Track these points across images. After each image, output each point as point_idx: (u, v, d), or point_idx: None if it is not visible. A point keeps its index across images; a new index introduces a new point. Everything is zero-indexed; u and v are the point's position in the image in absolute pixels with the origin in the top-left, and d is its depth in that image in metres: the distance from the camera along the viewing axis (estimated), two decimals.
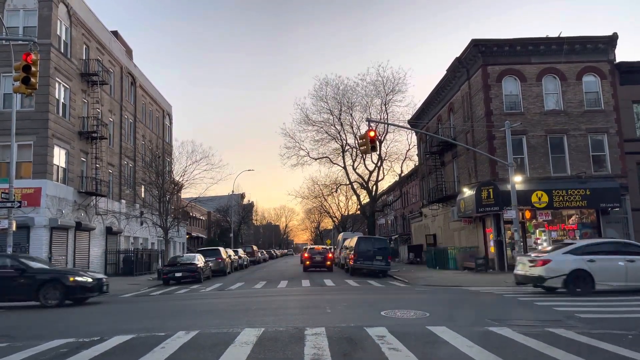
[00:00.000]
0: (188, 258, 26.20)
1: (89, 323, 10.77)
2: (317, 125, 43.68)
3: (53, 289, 14.05)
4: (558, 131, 26.40)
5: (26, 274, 14.18)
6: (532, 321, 9.51)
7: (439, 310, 11.04)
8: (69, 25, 27.55)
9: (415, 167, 45.57)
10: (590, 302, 12.30)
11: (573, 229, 25.95)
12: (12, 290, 14.09)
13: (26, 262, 14.76)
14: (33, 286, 13.95)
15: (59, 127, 25.90)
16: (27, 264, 14.61)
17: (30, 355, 7.09)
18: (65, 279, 14.25)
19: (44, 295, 13.96)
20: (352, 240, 30.20)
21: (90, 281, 14.60)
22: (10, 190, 18.27)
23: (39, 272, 14.47)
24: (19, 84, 15.55)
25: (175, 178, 35.84)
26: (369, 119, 27.96)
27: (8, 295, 14.23)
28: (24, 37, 21.40)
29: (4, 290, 14.03)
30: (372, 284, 21.09)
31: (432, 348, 7.04)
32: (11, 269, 14.25)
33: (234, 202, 63.55)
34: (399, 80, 41.70)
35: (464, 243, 30.59)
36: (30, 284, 13.97)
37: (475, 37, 27.59)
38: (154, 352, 7.00)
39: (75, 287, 14.26)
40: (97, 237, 30.23)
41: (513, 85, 26.97)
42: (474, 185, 26.70)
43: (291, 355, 6.61)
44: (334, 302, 12.81)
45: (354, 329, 8.37)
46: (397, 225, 60.43)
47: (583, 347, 6.96)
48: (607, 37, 26.91)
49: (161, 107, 46.08)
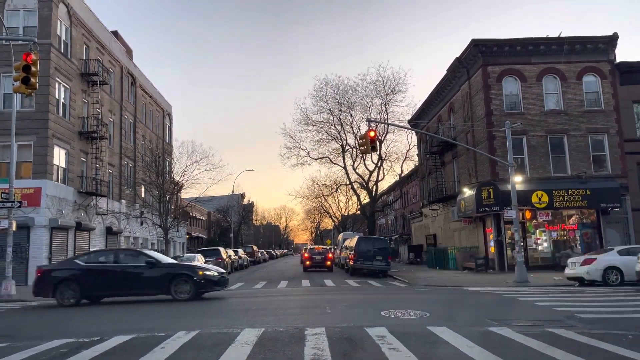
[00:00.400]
0: (188, 258, 26.17)
1: (89, 323, 10.77)
2: (317, 125, 43.71)
3: (184, 283, 14.14)
4: (558, 131, 26.40)
5: (156, 268, 14.34)
6: (532, 321, 9.51)
7: (439, 311, 11.04)
8: (69, 25, 27.55)
9: (415, 167, 45.57)
10: (590, 302, 12.30)
11: (573, 229, 25.96)
12: (144, 284, 14.25)
13: (155, 257, 14.98)
14: (164, 280, 14.08)
15: (59, 127, 25.90)
16: (157, 259, 14.84)
17: (30, 355, 7.09)
18: (195, 273, 14.37)
19: (175, 289, 14.05)
20: (352, 240, 30.20)
21: (216, 275, 14.73)
22: (10, 190, 18.27)
23: (168, 267, 14.72)
24: (19, 84, 15.56)
25: (175, 178, 35.85)
26: (369, 119, 27.95)
27: (141, 289, 14.41)
28: (24, 37, 21.39)
29: (137, 284, 14.22)
30: (372, 284, 21.09)
31: (432, 348, 7.04)
32: (144, 263, 14.45)
33: (234, 202, 63.56)
34: (399, 80, 41.74)
35: (464, 243, 30.58)
36: (162, 278, 14.13)
37: (475, 37, 27.60)
38: (154, 352, 7.00)
39: (205, 281, 14.35)
40: (97, 237, 30.22)
41: (513, 85, 26.97)
42: (474, 185, 26.70)
43: (291, 355, 6.61)
44: (334, 302, 12.81)
45: (354, 329, 8.36)
46: (397, 225, 60.43)
47: (583, 347, 6.96)
48: (607, 37, 26.91)
49: (161, 107, 46.08)
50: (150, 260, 14.52)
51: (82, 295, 14.13)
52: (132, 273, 14.29)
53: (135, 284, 14.25)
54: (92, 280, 14.17)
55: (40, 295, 14.52)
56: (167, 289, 14.07)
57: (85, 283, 14.07)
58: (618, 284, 16.71)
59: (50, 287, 14.04)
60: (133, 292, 14.52)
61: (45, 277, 14.31)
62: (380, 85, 41.45)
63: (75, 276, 14.14)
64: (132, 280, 14.22)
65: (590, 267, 17.06)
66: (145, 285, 14.28)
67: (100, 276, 14.30)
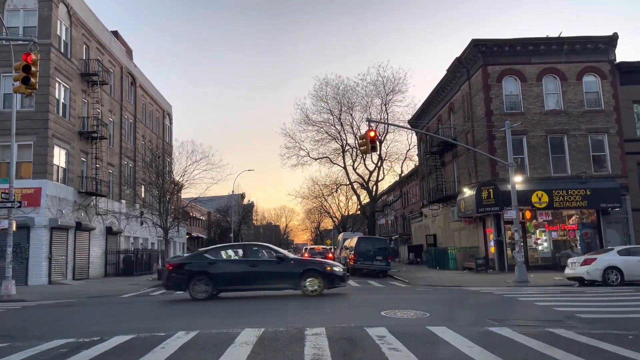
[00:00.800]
0: None
1: (89, 323, 10.77)
2: (317, 125, 43.70)
3: (314, 278, 14.16)
4: (558, 131, 26.40)
5: (285, 262, 14.44)
6: (533, 321, 9.51)
7: (439, 311, 11.04)
8: (69, 25, 27.56)
9: (416, 167, 45.57)
10: (590, 302, 12.30)
11: (573, 229, 25.96)
12: (275, 279, 14.29)
13: (282, 252, 15.10)
14: (295, 275, 14.15)
15: (59, 127, 25.90)
16: (284, 254, 14.95)
17: (30, 356, 7.08)
18: (324, 269, 14.40)
19: (305, 283, 14.10)
20: (352, 240, 30.20)
21: (341, 271, 14.74)
22: (10, 190, 18.27)
23: (297, 261, 14.88)
24: (19, 84, 15.56)
25: (175, 178, 35.82)
26: (369, 119, 27.97)
27: (272, 284, 14.43)
28: (24, 37, 21.40)
29: (268, 278, 14.27)
30: (372, 284, 21.09)
31: (432, 348, 7.04)
32: (274, 258, 14.55)
33: (234, 202, 63.53)
34: (399, 80, 41.73)
35: (464, 243, 30.59)
36: (292, 273, 14.19)
37: (475, 37, 27.60)
38: (154, 352, 6.99)
39: (332, 276, 14.35)
40: (97, 237, 30.23)
41: (513, 85, 26.97)
42: (474, 185, 26.70)
43: (291, 355, 6.61)
44: (334, 302, 12.81)
45: (354, 329, 8.36)
46: (397, 226, 60.43)
47: (583, 347, 6.95)
48: (607, 37, 26.91)
49: (161, 107, 46.08)
50: (279, 255, 14.72)
51: (214, 289, 14.19)
52: (264, 268, 14.33)
53: (267, 279, 14.28)
54: (223, 275, 14.24)
55: (172, 289, 14.92)
56: (297, 284, 14.12)
57: (217, 277, 14.14)
58: (618, 284, 16.72)
59: (184, 281, 14.18)
60: (264, 286, 14.55)
61: (177, 271, 14.46)
62: (380, 85, 41.48)
63: (207, 270, 14.23)
64: (263, 275, 14.24)
65: (590, 267, 17.07)
66: (275, 280, 14.30)
67: (232, 270, 14.42)
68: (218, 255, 14.93)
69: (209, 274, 14.15)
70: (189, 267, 14.47)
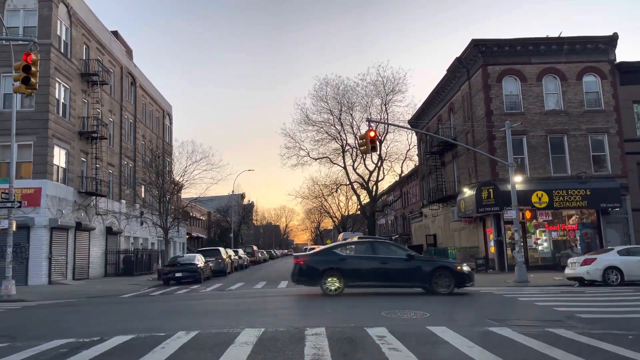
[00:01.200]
0: (188, 258, 26.18)
1: (89, 323, 10.77)
2: (317, 125, 43.75)
3: (444, 277, 14.14)
4: (558, 131, 26.39)
5: (415, 261, 14.49)
6: (533, 321, 9.51)
7: (439, 310, 11.04)
8: (69, 25, 27.56)
9: (416, 167, 45.57)
10: (590, 302, 12.30)
11: (573, 229, 25.96)
12: (405, 276, 14.32)
13: (410, 250, 15.17)
14: (426, 273, 14.15)
15: (59, 127, 25.91)
16: (412, 252, 15.01)
17: (31, 356, 7.08)
18: (455, 268, 14.42)
19: (436, 282, 14.07)
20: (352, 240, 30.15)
21: (469, 270, 14.75)
22: (10, 190, 18.27)
23: (427, 260, 14.98)
24: (19, 84, 15.56)
25: (175, 178, 35.86)
26: (369, 119, 27.98)
27: (401, 281, 14.50)
28: (24, 37, 21.40)
29: (398, 275, 14.31)
30: None
31: (432, 348, 7.04)
32: (404, 256, 14.59)
33: (234, 202, 63.57)
34: (399, 80, 41.79)
35: (464, 243, 30.58)
36: (423, 271, 14.20)
37: (475, 37, 27.59)
38: (154, 352, 6.99)
39: (462, 275, 14.35)
40: (97, 237, 30.23)
41: (513, 85, 26.97)
42: (474, 185, 26.70)
43: (291, 356, 6.61)
44: (334, 302, 12.81)
45: (354, 329, 8.36)
46: (397, 226, 60.43)
47: (583, 347, 6.95)
48: (608, 37, 26.91)
49: (161, 107, 46.08)
50: (409, 252, 14.83)
51: (345, 284, 14.21)
52: (395, 265, 14.34)
53: (397, 276, 14.32)
54: (353, 270, 14.29)
55: (303, 283, 15.08)
56: (427, 282, 14.13)
57: (348, 273, 14.22)
58: (618, 284, 16.71)
59: (315, 276, 14.33)
60: (393, 283, 14.62)
61: (308, 266, 14.57)
62: (380, 85, 41.53)
63: (337, 266, 14.30)
64: (393, 272, 14.28)
65: (590, 267, 17.08)
66: (406, 278, 14.35)
67: (362, 266, 14.40)
68: (348, 251, 15.04)
69: (340, 269, 14.25)
70: (320, 262, 14.56)
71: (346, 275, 14.21)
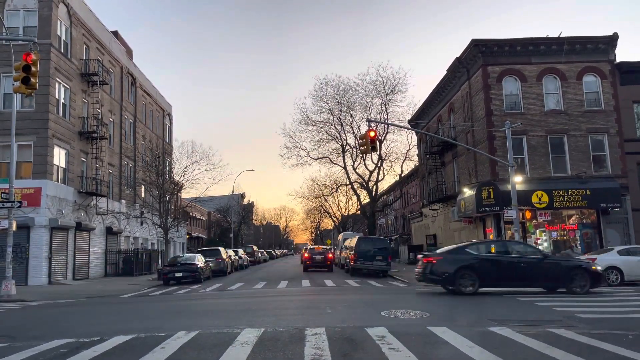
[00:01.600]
0: (188, 258, 26.17)
1: (89, 323, 10.77)
2: (317, 125, 43.71)
3: (581, 276, 14.08)
4: (558, 131, 26.39)
5: (548, 260, 14.46)
6: (533, 321, 9.51)
7: (439, 311, 11.04)
8: (69, 25, 27.55)
9: (416, 167, 45.55)
10: (590, 302, 12.30)
11: (573, 229, 25.94)
12: (541, 276, 14.25)
13: (542, 250, 15.21)
14: (561, 274, 14.11)
15: (59, 127, 25.90)
16: (546, 252, 15.14)
17: (31, 356, 7.09)
18: (589, 267, 14.38)
19: (572, 282, 14.00)
20: (352, 240, 30.16)
21: (602, 271, 14.69)
22: (10, 190, 18.27)
23: (562, 260, 14.93)
24: (19, 84, 15.57)
25: (175, 178, 35.85)
26: (369, 119, 27.96)
27: (537, 281, 14.44)
28: (24, 37, 21.40)
29: (534, 275, 14.24)
30: (373, 284, 21.08)
31: (432, 348, 7.04)
32: (539, 255, 14.56)
33: (234, 202, 63.55)
34: (399, 80, 41.73)
35: None
36: (559, 271, 14.16)
37: (475, 37, 27.57)
38: (154, 352, 6.99)
39: (597, 275, 14.31)
40: (97, 237, 30.23)
41: (513, 85, 26.96)
42: (474, 186, 26.69)
43: (291, 356, 6.61)
44: (334, 303, 12.81)
45: (354, 329, 8.36)
46: (397, 226, 60.41)
47: (583, 348, 6.95)
48: (608, 37, 26.89)
49: (161, 107, 46.08)
50: (542, 252, 14.90)
51: (480, 284, 14.10)
52: (529, 265, 14.22)
53: (533, 276, 14.21)
54: (488, 270, 14.18)
55: (433, 282, 14.92)
56: (564, 282, 14.09)
57: (483, 272, 14.11)
58: (618, 284, 16.71)
59: (450, 276, 14.18)
60: (528, 283, 14.54)
61: (440, 265, 14.41)
62: (380, 85, 41.47)
63: (472, 265, 14.21)
64: (530, 272, 14.16)
65: None
66: (542, 277, 14.26)
67: (497, 266, 14.28)
68: (481, 251, 14.92)
69: (475, 269, 14.14)
70: (453, 261, 14.39)
71: (481, 275, 14.08)
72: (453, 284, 14.14)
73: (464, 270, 14.07)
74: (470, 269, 14.11)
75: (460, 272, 14.05)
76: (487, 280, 14.18)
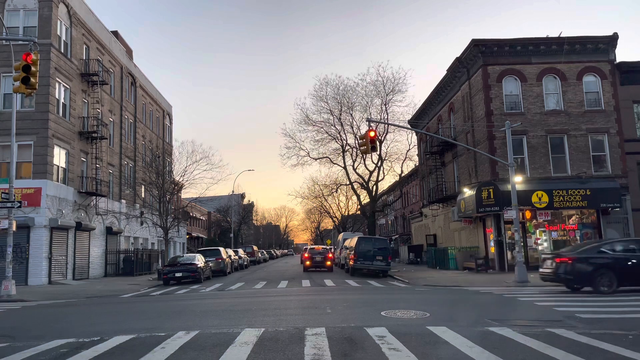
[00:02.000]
0: (188, 258, 26.17)
1: (89, 323, 10.77)
2: (317, 125, 43.65)
3: None
4: (558, 131, 26.39)
5: None
6: (533, 321, 9.51)
7: (439, 311, 11.04)
8: (69, 25, 27.55)
9: (416, 167, 45.55)
10: (590, 302, 12.29)
11: (573, 229, 25.94)
12: None
13: None
14: None
15: (59, 127, 25.90)
16: None
17: (31, 356, 7.09)
18: None
19: None
20: (353, 240, 30.16)
21: None
22: (10, 190, 18.27)
23: None
24: (19, 84, 15.57)
25: (175, 178, 35.85)
26: (369, 119, 27.92)
27: None
28: (24, 37, 21.37)
29: None
30: (373, 284, 21.08)
31: (432, 348, 7.03)
32: None
33: (234, 202, 63.59)
34: (399, 80, 41.66)
35: (464, 243, 30.58)
36: None
37: (475, 37, 27.59)
38: (154, 352, 7.00)
39: None
40: (97, 237, 30.22)
41: (513, 85, 26.96)
42: (475, 185, 26.69)
43: (291, 356, 6.61)
44: (334, 303, 12.81)
45: (354, 329, 8.36)
46: (398, 226, 60.43)
47: (583, 347, 6.95)
48: (608, 37, 26.89)
49: (161, 107, 46.08)
50: None
51: (618, 284, 14.00)
52: None
53: None
54: (626, 269, 14.10)
55: (566, 282, 14.83)
56: None
57: (622, 272, 14.04)
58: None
59: (587, 276, 14.11)
60: None
61: (576, 265, 14.28)
62: (380, 85, 41.42)
63: (609, 265, 14.15)
64: None
65: None
66: None
67: (636, 265, 14.15)
68: (617, 249, 14.78)
69: (613, 268, 14.09)
70: (592, 261, 14.28)
71: (619, 274, 14.01)
72: (591, 283, 14.12)
73: (603, 270, 14.05)
74: (609, 268, 14.08)
75: (598, 272, 14.03)
76: (627, 280, 14.17)
